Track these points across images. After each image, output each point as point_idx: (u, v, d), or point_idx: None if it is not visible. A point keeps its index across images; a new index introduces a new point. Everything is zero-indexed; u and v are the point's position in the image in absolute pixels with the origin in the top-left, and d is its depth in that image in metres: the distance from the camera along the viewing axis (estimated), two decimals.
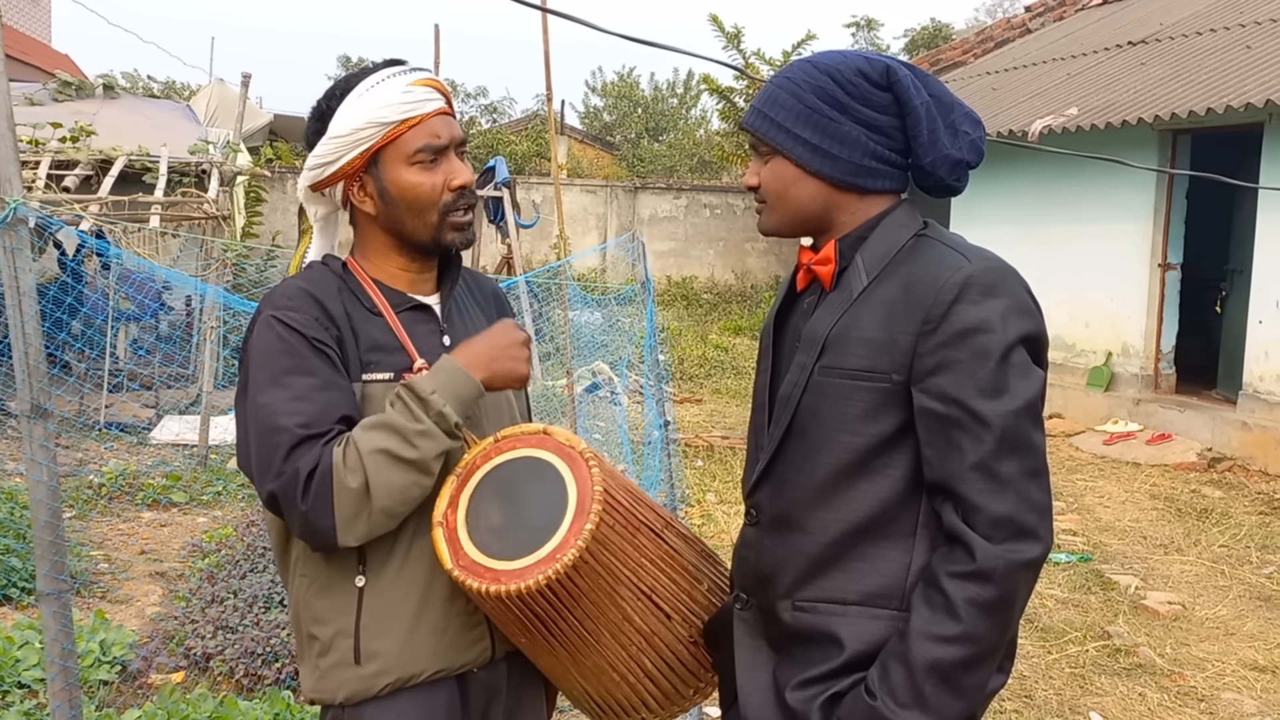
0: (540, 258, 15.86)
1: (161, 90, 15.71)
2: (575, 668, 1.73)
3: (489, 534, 1.66)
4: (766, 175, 1.70)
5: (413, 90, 1.73)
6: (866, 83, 1.65)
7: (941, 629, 1.50)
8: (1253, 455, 8.14)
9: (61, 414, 7.86)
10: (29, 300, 2.41)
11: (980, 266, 1.57)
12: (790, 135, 1.65)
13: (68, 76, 11.41)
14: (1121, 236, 9.76)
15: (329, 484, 1.60)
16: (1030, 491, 1.52)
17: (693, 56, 3.39)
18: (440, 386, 1.65)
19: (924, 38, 24.30)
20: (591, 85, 31.24)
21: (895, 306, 1.58)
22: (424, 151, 1.73)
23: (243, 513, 6.23)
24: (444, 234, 1.77)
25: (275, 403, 1.64)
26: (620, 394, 8.98)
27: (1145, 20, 12.40)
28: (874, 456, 1.59)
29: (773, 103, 1.68)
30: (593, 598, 1.64)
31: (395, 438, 1.62)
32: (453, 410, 1.65)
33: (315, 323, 1.69)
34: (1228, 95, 8.20)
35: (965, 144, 1.66)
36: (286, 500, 1.62)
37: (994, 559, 1.49)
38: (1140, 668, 4.62)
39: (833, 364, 1.61)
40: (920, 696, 1.50)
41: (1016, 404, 1.52)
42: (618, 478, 1.75)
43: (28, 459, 2.47)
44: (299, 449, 1.61)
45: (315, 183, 1.79)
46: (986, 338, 1.53)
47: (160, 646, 4.22)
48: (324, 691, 1.74)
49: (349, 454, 1.61)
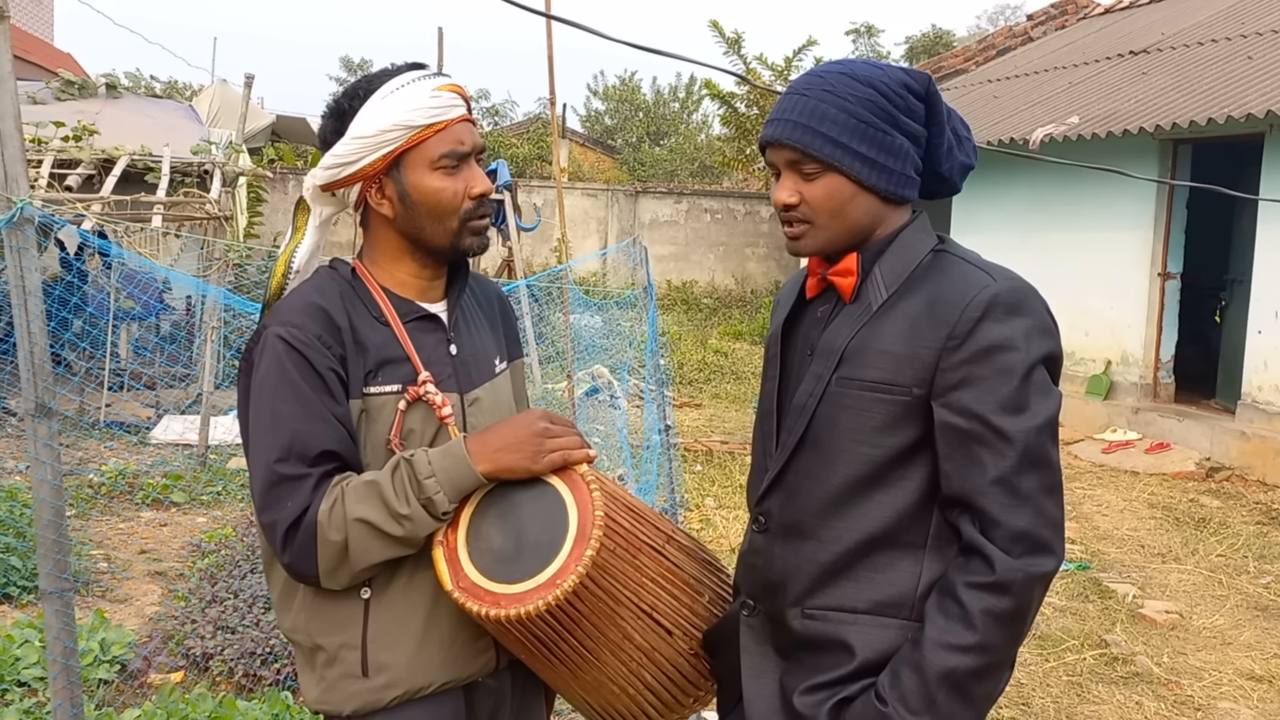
0: (541, 261, 15.87)
1: (164, 90, 15.72)
2: (576, 681, 1.74)
3: (489, 556, 1.66)
4: (817, 193, 1.64)
5: (439, 95, 1.73)
6: (911, 95, 1.65)
7: (957, 638, 1.52)
8: (1251, 465, 8.15)
9: (63, 413, 7.86)
10: (34, 299, 2.42)
11: (1005, 286, 1.59)
12: (847, 150, 1.62)
13: (71, 76, 11.41)
14: (1122, 245, 9.77)
15: (312, 539, 1.63)
16: (1047, 507, 1.55)
17: (696, 64, 3.40)
18: (441, 471, 1.65)
19: (924, 44, 24.34)
20: (593, 89, 31.31)
21: (919, 321, 1.59)
22: (448, 157, 1.73)
23: (243, 513, 6.23)
24: (463, 240, 1.77)
25: (262, 430, 1.67)
26: (620, 398, 8.99)
27: (1147, 30, 12.42)
28: (890, 468, 1.61)
29: (819, 117, 1.62)
30: (593, 620, 1.65)
31: (381, 511, 1.63)
32: (445, 499, 1.64)
33: (319, 342, 1.68)
34: (1229, 105, 8.22)
35: (969, 148, 1.71)
36: (269, 542, 1.68)
37: (1013, 572, 1.51)
38: (1137, 676, 4.63)
39: (851, 375, 1.62)
40: (932, 704, 1.52)
41: (1037, 421, 1.54)
42: (619, 498, 1.75)
43: (32, 458, 2.48)
44: (277, 489, 1.64)
45: (330, 183, 1.77)
46: (1010, 356, 1.54)
47: (160, 646, 4.23)
48: (331, 703, 1.74)
49: (335, 513, 1.63)
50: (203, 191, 8.82)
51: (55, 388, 2.51)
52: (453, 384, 1.79)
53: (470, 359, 1.84)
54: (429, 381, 1.73)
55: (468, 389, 1.82)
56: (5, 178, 2.37)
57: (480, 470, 1.66)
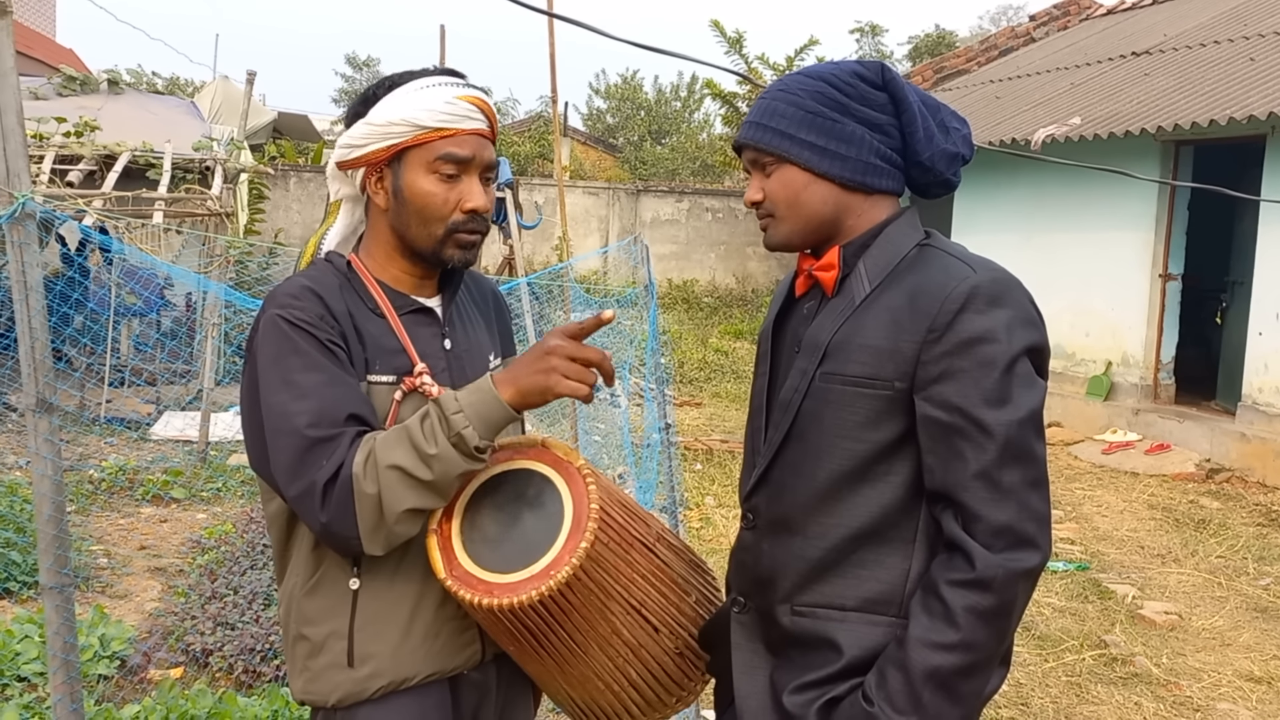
0: (542, 259, 15.87)
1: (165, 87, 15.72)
2: (561, 675, 1.74)
3: (483, 545, 1.66)
4: (773, 185, 1.69)
5: (457, 104, 1.72)
6: (864, 83, 1.67)
7: (940, 636, 1.50)
8: (1251, 467, 8.15)
9: (64, 408, 7.86)
10: (36, 295, 2.41)
11: (986, 277, 1.58)
12: (795, 141, 1.65)
13: (72, 71, 11.41)
14: (1123, 246, 9.78)
15: (349, 494, 1.58)
16: (1031, 501, 1.53)
17: (698, 63, 3.39)
18: (468, 406, 1.60)
19: (927, 45, 24.32)
20: (595, 87, 31.29)
21: (900, 314, 1.58)
22: (446, 161, 1.72)
23: (243, 509, 6.23)
24: (445, 249, 1.76)
25: (284, 403, 1.63)
26: (620, 396, 8.99)
27: (1149, 31, 12.42)
28: (875, 463, 1.60)
29: (770, 114, 1.67)
30: (584, 613, 1.65)
31: (412, 455, 1.59)
32: (476, 432, 1.59)
33: (321, 320, 1.68)
34: (1231, 107, 8.22)
35: (958, 138, 1.69)
36: (306, 508, 1.61)
37: (993, 568, 1.50)
38: (1136, 677, 4.63)
39: (835, 370, 1.61)
40: (918, 703, 1.51)
41: (1020, 414, 1.53)
42: (613, 492, 1.75)
43: (32, 453, 2.48)
44: (312, 453, 1.60)
45: (341, 161, 1.79)
46: (991, 348, 1.53)
47: (160, 642, 4.23)
48: (315, 693, 1.74)
49: (369, 464, 1.59)
50: (204, 188, 8.82)
51: (56, 383, 2.51)
52: (446, 378, 1.78)
53: (464, 354, 1.84)
54: (425, 373, 1.73)
55: (461, 383, 1.81)
56: (7, 173, 2.36)
57: (505, 398, 1.61)
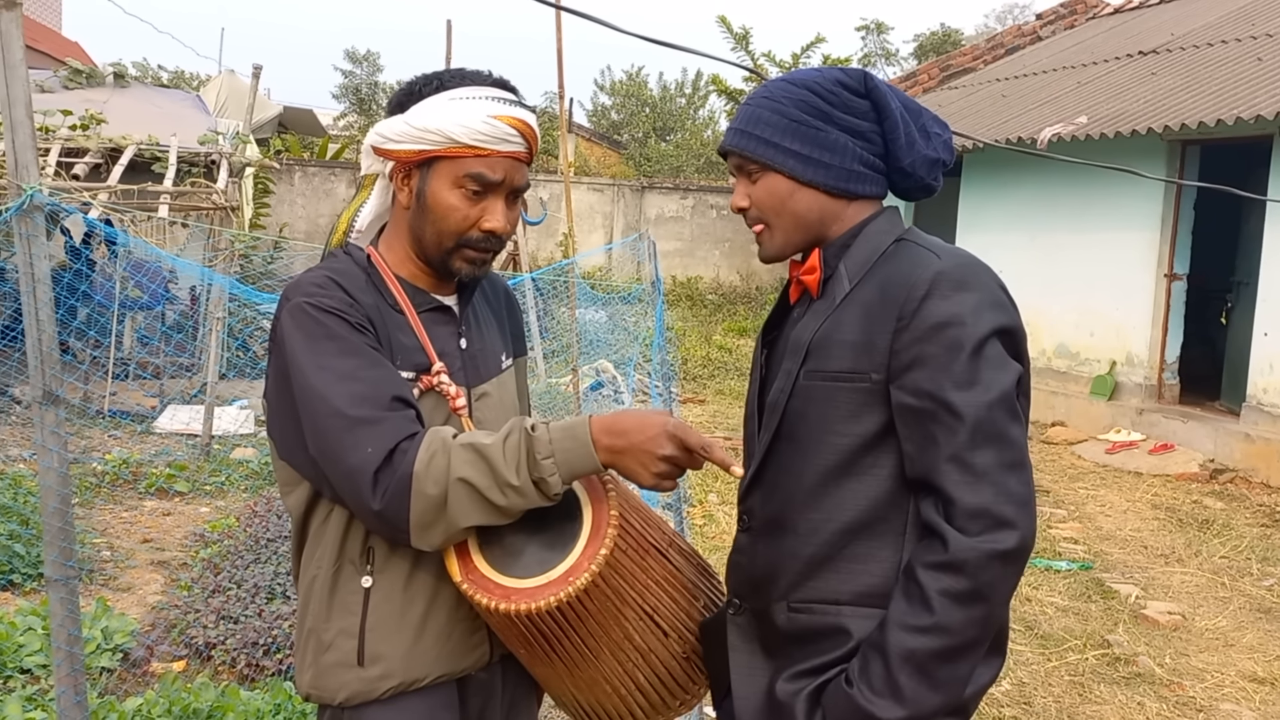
0: (546, 255, 15.87)
1: (171, 80, 15.73)
2: (570, 679, 1.74)
3: (500, 550, 1.65)
4: (759, 193, 1.70)
5: (497, 125, 1.69)
6: (847, 91, 1.68)
7: (915, 619, 1.51)
8: (1255, 467, 8.14)
9: (69, 401, 7.88)
10: (43, 287, 2.42)
11: (951, 262, 1.60)
12: (779, 149, 1.67)
13: (78, 64, 11.42)
14: (1128, 246, 9.76)
15: (407, 490, 1.55)
16: (1008, 483, 1.52)
17: (705, 57, 3.40)
18: (559, 451, 1.58)
19: (933, 43, 24.29)
20: (600, 84, 31.23)
21: (872, 307, 1.61)
22: (473, 180, 1.70)
23: (246, 503, 6.24)
24: (453, 261, 1.75)
25: (324, 385, 1.59)
26: (624, 393, 9.00)
27: (1156, 30, 12.40)
28: (860, 456, 1.61)
29: (755, 121, 1.69)
30: (598, 619, 1.64)
31: (488, 478, 1.56)
32: (559, 480, 1.57)
33: (350, 306, 1.66)
34: (1238, 107, 8.20)
35: (939, 144, 1.71)
36: (353, 491, 1.58)
37: (966, 550, 1.49)
38: (1139, 677, 4.63)
39: (817, 367, 1.64)
40: (895, 687, 1.51)
41: (990, 395, 1.53)
42: (630, 499, 1.75)
43: (38, 445, 2.48)
44: (355, 434, 1.57)
45: (375, 147, 1.77)
46: (958, 331, 1.54)
47: (163, 635, 4.24)
48: (323, 690, 1.73)
49: (436, 464, 1.56)
50: (209, 182, 8.83)
51: (62, 376, 2.51)
52: (461, 378, 1.78)
53: (479, 354, 1.84)
54: (443, 372, 1.72)
55: (475, 383, 1.82)
56: (15, 165, 2.37)
57: (600, 459, 1.59)
